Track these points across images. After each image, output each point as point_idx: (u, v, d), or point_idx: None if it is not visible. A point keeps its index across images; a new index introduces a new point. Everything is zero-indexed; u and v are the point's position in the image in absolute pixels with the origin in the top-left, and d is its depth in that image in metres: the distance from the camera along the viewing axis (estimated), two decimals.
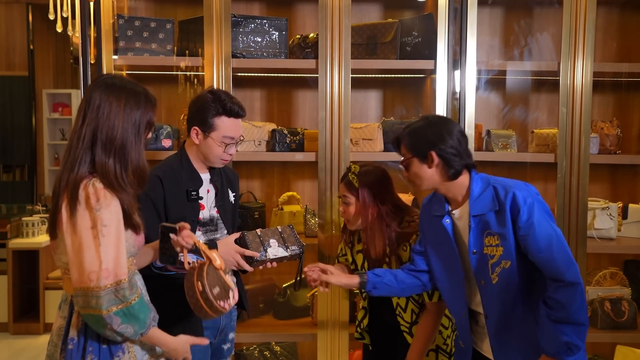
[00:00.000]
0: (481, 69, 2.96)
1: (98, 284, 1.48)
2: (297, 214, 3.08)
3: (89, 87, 1.64)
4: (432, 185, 1.88)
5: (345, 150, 2.79)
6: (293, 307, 3.11)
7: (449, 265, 1.93)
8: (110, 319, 1.49)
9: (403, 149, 1.90)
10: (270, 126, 3.02)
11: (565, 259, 1.74)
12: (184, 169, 2.12)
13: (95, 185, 1.52)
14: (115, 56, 2.80)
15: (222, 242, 2.07)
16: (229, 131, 2.07)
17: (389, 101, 3.27)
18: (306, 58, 2.89)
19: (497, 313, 1.84)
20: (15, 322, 4.65)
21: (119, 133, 1.58)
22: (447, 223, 1.90)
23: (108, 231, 1.50)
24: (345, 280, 2.02)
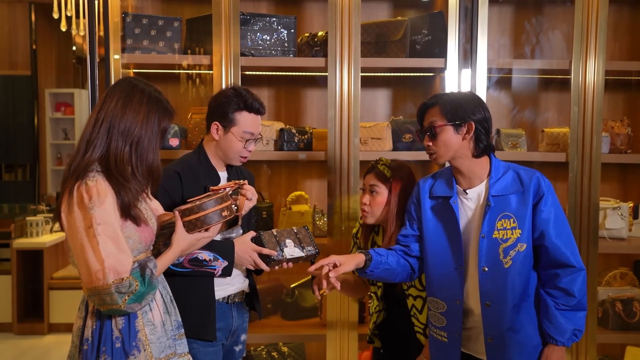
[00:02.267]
0: (491, 68, 2.93)
1: (105, 282, 1.48)
2: (306, 214, 3.06)
3: (113, 85, 1.67)
4: (456, 158, 1.85)
5: (354, 150, 2.77)
6: (301, 308, 3.08)
7: (448, 249, 1.89)
8: (131, 308, 1.52)
9: (437, 114, 1.84)
10: (279, 125, 3.00)
11: (573, 247, 1.82)
12: (202, 166, 2.12)
13: (87, 184, 1.52)
14: (120, 55, 2.77)
15: (239, 241, 2.07)
16: (249, 126, 2.07)
17: (398, 100, 3.25)
18: (315, 56, 2.86)
19: (500, 300, 1.82)
20: (19, 322, 4.63)
21: (137, 128, 1.60)
22: (455, 204, 1.87)
23: (103, 229, 1.50)
24: (355, 261, 1.87)
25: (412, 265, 1.98)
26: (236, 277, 2.13)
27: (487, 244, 1.82)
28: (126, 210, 1.57)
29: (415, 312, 2.14)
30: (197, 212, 1.71)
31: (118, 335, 1.57)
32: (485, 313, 1.84)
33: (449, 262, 1.89)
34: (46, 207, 5.36)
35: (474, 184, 1.87)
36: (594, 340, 2.83)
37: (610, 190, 3.25)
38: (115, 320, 1.58)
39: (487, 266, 1.83)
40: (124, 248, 1.53)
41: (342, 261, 1.86)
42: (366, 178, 2.19)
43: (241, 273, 2.16)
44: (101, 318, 1.58)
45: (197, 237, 1.73)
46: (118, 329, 1.58)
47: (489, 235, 1.82)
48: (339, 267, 1.84)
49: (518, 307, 1.83)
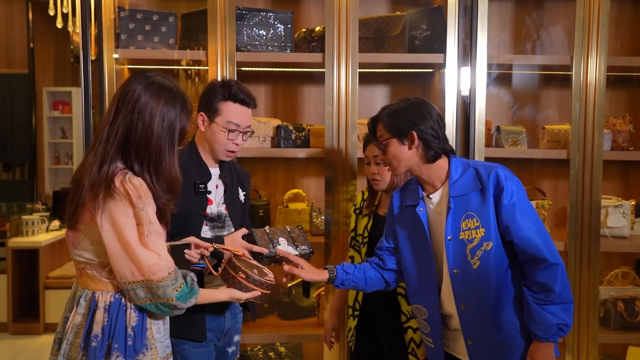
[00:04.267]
0: (491, 64, 2.89)
1: (162, 275, 1.50)
2: (303, 212, 3.02)
3: (127, 79, 1.60)
4: (410, 167, 1.84)
5: (352, 147, 2.72)
6: (298, 307, 3.04)
7: (421, 256, 1.89)
8: (179, 304, 1.54)
9: (381, 130, 1.86)
10: (275, 122, 2.95)
11: (546, 240, 1.75)
12: (192, 161, 2.07)
13: (133, 182, 1.49)
14: (114, 51, 2.73)
15: (229, 238, 2.03)
16: (234, 117, 2.03)
17: (397, 96, 3.18)
18: (312, 52, 2.82)
19: (475, 302, 1.79)
20: (14, 322, 4.59)
21: (154, 138, 1.54)
22: (421, 212, 1.86)
23: (155, 228, 1.52)
24: (315, 276, 1.97)
25: (385, 278, 2.00)
26: None
27: (454, 246, 1.80)
28: (163, 215, 1.59)
29: (413, 347, 2.13)
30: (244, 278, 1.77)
31: (130, 332, 1.55)
32: (462, 316, 1.82)
33: (424, 269, 1.89)
34: (42, 205, 5.31)
35: (437, 187, 1.86)
36: (596, 341, 2.78)
37: (612, 188, 3.20)
38: (129, 317, 1.56)
39: (456, 268, 1.80)
40: (165, 245, 1.57)
41: (303, 266, 1.96)
42: (367, 149, 2.23)
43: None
44: (115, 313, 1.55)
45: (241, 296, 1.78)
46: (131, 327, 1.55)
47: (455, 236, 1.80)
48: (299, 270, 1.94)
49: (497, 307, 1.79)
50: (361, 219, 2.28)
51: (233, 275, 1.77)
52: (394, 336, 2.17)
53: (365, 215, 2.26)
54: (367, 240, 2.22)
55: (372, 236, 2.21)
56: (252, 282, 1.76)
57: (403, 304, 2.14)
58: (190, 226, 2.03)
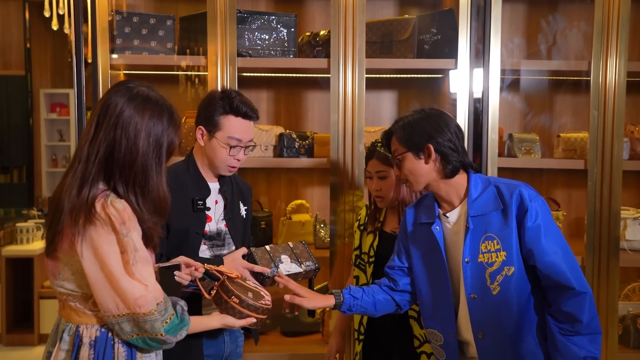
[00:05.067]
0: (505, 69, 2.76)
1: (149, 308, 1.38)
2: (307, 224, 2.89)
3: (108, 91, 1.46)
4: (427, 183, 1.72)
5: (359, 156, 2.59)
6: (302, 323, 2.91)
7: (437, 278, 1.75)
8: (169, 339, 1.42)
9: (395, 144, 1.74)
10: (278, 130, 2.82)
11: (573, 266, 1.63)
12: (190, 176, 1.94)
13: (115, 206, 1.36)
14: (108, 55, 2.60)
15: (229, 258, 1.90)
16: (235, 132, 1.89)
17: (404, 103, 3.07)
18: (317, 57, 2.69)
19: (494, 330, 1.67)
20: (8, 332, 4.45)
21: (140, 155, 1.40)
22: (437, 231, 1.73)
23: (141, 256, 1.39)
24: (319, 304, 1.83)
25: (397, 301, 1.86)
26: None
27: (473, 269, 1.67)
28: (150, 239, 1.46)
29: None
30: (238, 303, 1.63)
31: None
32: (479, 344, 1.70)
33: (439, 292, 1.76)
34: (39, 212, 5.19)
35: (455, 204, 1.73)
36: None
37: (629, 198, 3.07)
38: (117, 352, 1.43)
39: (474, 293, 1.68)
40: (153, 273, 1.44)
41: (304, 294, 1.80)
42: (369, 164, 2.09)
43: None
44: (101, 349, 1.42)
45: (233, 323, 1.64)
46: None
47: (474, 259, 1.67)
48: (300, 299, 1.78)
49: (517, 336, 1.66)
50: (366, 236, 2.14)
51: (226, 300, 1.63)
52: None
53: (371, 233, 2.12)
54: (373, 259, 2.08)
55: (378, 255, 2.08)
56: (247, 307, 1.62)
57: (415, 327, 2.00)
58: (188, 246, 1.91)
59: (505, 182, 1.72)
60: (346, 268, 2.61)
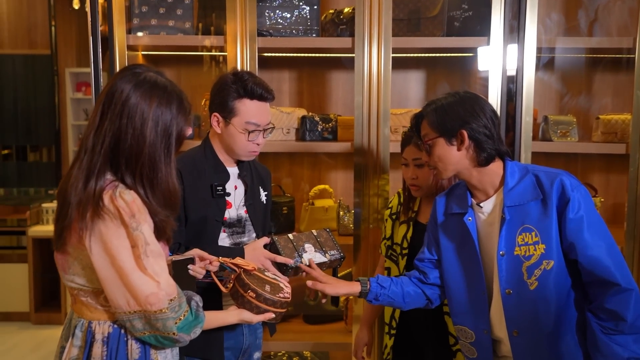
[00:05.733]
0: (541, 47, 2.59)
1: (161, 306, 1.31)
2: (330, 209, 2.79)
3: (113, 77, 1.37)
4: (459, 171, 1.61)
5: (384, 140, 2.48)
6: (325, 310, 2.84)
7: (469, 272, 1.66)
8: (181, 337, 1.36)
9: (426, 128, 1.63)
10: (300, 112, 2.72)
11: (618, 260, 1.53)
12: (208, 161, 1.86)
13: (124, 198, 1.29)
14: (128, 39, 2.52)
15: (250, 247, 1.82)
16: (252, 116, 1.80)
17: (432, 83, 2.93)
18: (341, 36, 2.56)
19: (531, 327, 1.57)
20: (36, 311, 4.53)
21: (147, 145, 1.33)
22: (470, 222, 1.63)
23: (152, 250, 1.32)
24: (344, 290, 1.75)
25: (427, 295, 1.76)
26: None
27: (508, 262, 1.57)
28: (162, 232, 1.39)
29: None
30: (254, 297, 1.56)
31: None
32: (514, 342, 1.60)
33: (472, 286, 1.66)
34: None
35: (489, 194, 1.62)
36: None
37: None
38: (131, 349, 1.38)
39: (510, 288, 1.57)
40: (167, 267, 1.37)
41: (331, 282, 1.73)
42: (406, 151, 1.98)
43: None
44: (114, 346, 1.37)
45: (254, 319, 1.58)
46: (134, 359, 1.38)
47: (510, 252, 1.57)
48: (323, 285, 1.72)
49: (556, 334, 1.56)
50: (398, 226, 2.04)
51: (242, 294, 1.56)
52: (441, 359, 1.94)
53: (404, 223, 2.02)
54: (406, 251, 1.98)
55: (412, 247, 1.98)
56: (264, 301, 1.56)
57: (450, 324, 1.91)
58: (207, 234, 1.84)
59: (545, 170, 1.60)
60: (370, 254, 2.52)
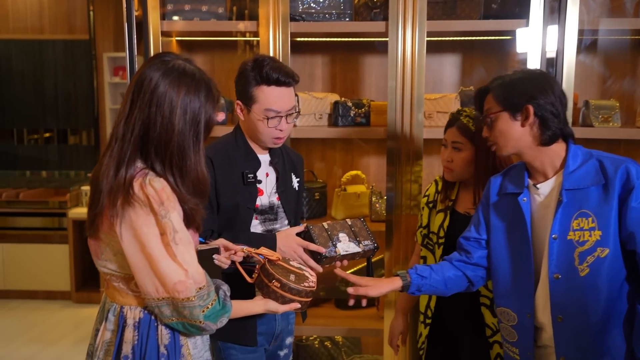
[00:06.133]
0: (583, 29, 2.49)
1: (188, 294, 1.33)
2: (362, 196, 2.78)
3: (142, 66, 1.38)
4: (520, 149, 1.58)
5: (418, 126, 2.44)
6: (357, 297, 2.84)
7: (518, 254, 1.62)
8: (208, 326, 1.37)
9: (490, 102, 1.60)
10: (333, 97, 2.70)
11: None
12: (239, 149, 1.86)
13: (153, 185, 1.30)
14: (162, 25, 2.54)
15: (282, 234, 1.83)
16: (271, 103, 1.77)
17: (468, 67, 2.87)
18: (374, 19, 2.52)
19: (577, 315, 1.53)
20: (77, 291, 4.67)
21: (176, 134, 1.33)
22: (525, 202, 1.59)
23: (181, 237, 1.33)
24: (385, 288, 1.73)
25: (469, 277, 1.73)
26: None
27: (560, 246, 1.53)
28: (191, 220, 1.40)
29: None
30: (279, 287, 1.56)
31: (164, 351, 1.39)
32: (557, 328, 1.56)
33: (519, 268, 1.62)
34: None
35: (548, 176, 1.58)
36: None
37: None
38: (161, 335, 1.40)
39: (559, 273, 1.53)
40: (196, 256, 1.38)
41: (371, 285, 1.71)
42: (447, 132, 1.95)
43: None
44: (145, 331, 1.40)
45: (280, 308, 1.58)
46: (164, 345, 1.40)
47: (563, 236, 1.53)
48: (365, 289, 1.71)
49: (603, 326, 1.52)
50: (435, 214, 2.01)
51: (267, 284, 1.57)
52: (477, 351, 1.92)
53: (441, 211, 1.99)
54: (443, 240, 1.96)
55: (449, 236, 1.95)
56: (289, 290, 1.55)
57: (487, 315, 1.88)
58: (239, 221, 1.85)
59: (610, 156, 1.55)
60: (403, 241, 2.50)
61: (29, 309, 4.55)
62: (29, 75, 6.18)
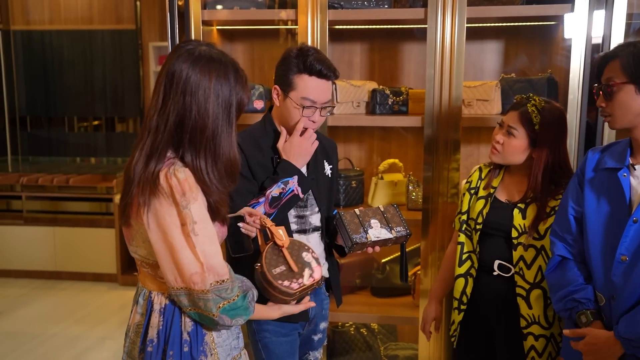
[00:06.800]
0: (632, 13, 2.40)
1: (203, 286, 1.34)
2: (399, 184, 2.77)
3: (169, 57, 1.40)
4: (634, 125, 1.51)
5: (456, 114, 2.41)
6: (393, 285, 2.85)
7: (610, 232, 1.55)
8: (222, 319, 1.37)
9: (616, 70, 1.51)
10: (371, 85, 2.69)
11: None
12: (268, 135, 1.89)
13: (177, 176, 1.32)
14: (203, 14, 2.58)
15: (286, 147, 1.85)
16: (309, 92, 1.79)
17: (510, 54, 2.80)
18: (413, 6, 2.49)
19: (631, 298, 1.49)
20: (123, 273, 4.82)
21: (211, 118, 1.36)
22: (625, 178, 1.53)
23: (200, 228, 1.34)
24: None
25: None
26: None
27: (636, 231, 1.48)
28: (216, 212, 1.41)
29: (533, 356, 1.83)
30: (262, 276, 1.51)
31: (187, 338, 1.43)
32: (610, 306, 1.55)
33: (607, 247, 1.56)
34: None
35: None
36: None
37: None
38: (184, 322, 1.44)
39: (627, 255, 1.49)
40: (219, 248, 1.39)
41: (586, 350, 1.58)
42: (508, 114, 1.90)
43: (319, 256, 1.95)
44: (169, 317, 1.43)
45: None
46: (187, 332, 1.43)
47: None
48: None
49: None
50: (476, 201, 1.99)
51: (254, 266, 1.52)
52: (511, 341, 1.90)
53: (482, 198, 1.96)
54: (480, 227, 1.94)
55: (486, 223, 1.93)
56: (264, 280, 1.49)
57: (523, 306, 1.85)
58: None
59: None
60: (439, 230, 2.49)
61: (78, 290, 4.74)
62: (79, 64, 6.39)
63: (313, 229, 1.94)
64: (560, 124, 1.85)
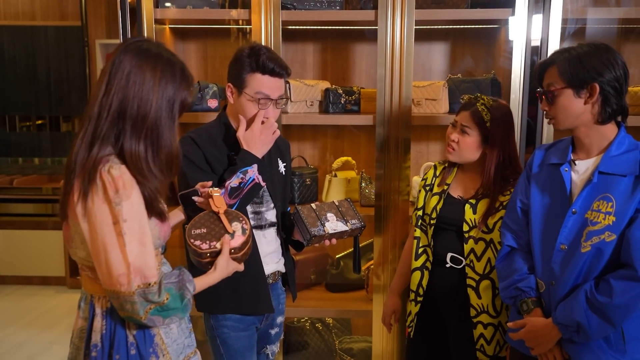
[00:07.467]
0: (567, 18, 2.55)
1: (129, 289, 1.31)
2: (352, 181, 2.84)
3: (117, 49, 1.40)
4: (577, 125, 1.60)
5: (406, 113, 2.50)
6: (347, 280, 2.92)
7: (551, 223, 1.66)
8: (152, 321, 1.35)
9: (554, 76, 1.60)
10: (324, 85, 2.75)
11: None
12: (222, 132, 1.91)
13: (111, 173, 1.30)
14: (155, 13, 2.57)
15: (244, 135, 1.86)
16: (263, 88, 1.82)
17: (456, 55, 2.92)
18: (364, 8, 2.57)
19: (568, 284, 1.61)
20: (71, 276, 4.70)
21: (153, 110, 1.36)
22: (566, 172, 1.63)
23: (130, 227, 1.31)
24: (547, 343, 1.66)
25: None
26: (270, 256, 1.97)
27: (575, 222, 1.60)
28: (150, 206, 1.38)
29: (482, 344, 1.94)
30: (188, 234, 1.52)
31: (132, 340, 1.41)
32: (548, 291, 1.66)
33: (548, 237, 1.67)
34: None
35: (591, 155, 1.62)
36: None
37: None
38: (129, 324, 1.41)
39: (565, 244, 1.60)
40: (151, 249, 1.35)
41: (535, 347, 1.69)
42: (460, 114, 1.98)
43: (276, 252, 1.99)
44: (113, 320, 1.41)
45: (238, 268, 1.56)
46: (132, 334, 1.41)
47: (581, 213, 1.59)
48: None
49: None
50: (430, 197, 2.08)
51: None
52: (462, 330, 1.99)
53: (436, 194, 2.06)
54: (434, 222, 2.03)
55: (440, 217, 2.02)
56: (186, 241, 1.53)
57: (472, 296, 1.95)
58: None
59: None
60: (392, 225, 2.57)
61: (24, 295, 4.60)
62: (21, 61, 6.17)
63: (269, 225, 1.98)
64: (509, 120, 1.97)
